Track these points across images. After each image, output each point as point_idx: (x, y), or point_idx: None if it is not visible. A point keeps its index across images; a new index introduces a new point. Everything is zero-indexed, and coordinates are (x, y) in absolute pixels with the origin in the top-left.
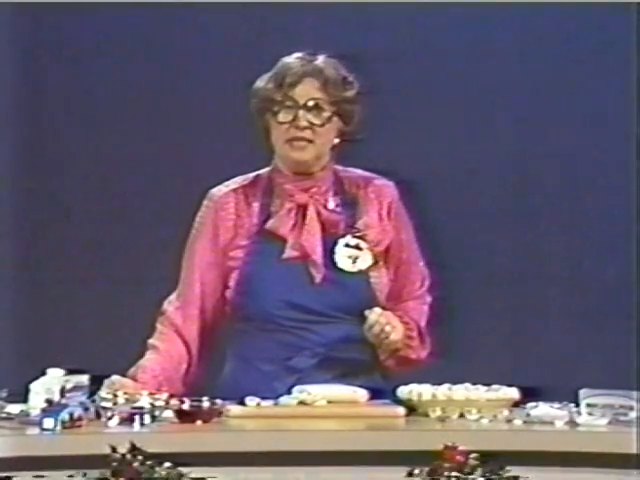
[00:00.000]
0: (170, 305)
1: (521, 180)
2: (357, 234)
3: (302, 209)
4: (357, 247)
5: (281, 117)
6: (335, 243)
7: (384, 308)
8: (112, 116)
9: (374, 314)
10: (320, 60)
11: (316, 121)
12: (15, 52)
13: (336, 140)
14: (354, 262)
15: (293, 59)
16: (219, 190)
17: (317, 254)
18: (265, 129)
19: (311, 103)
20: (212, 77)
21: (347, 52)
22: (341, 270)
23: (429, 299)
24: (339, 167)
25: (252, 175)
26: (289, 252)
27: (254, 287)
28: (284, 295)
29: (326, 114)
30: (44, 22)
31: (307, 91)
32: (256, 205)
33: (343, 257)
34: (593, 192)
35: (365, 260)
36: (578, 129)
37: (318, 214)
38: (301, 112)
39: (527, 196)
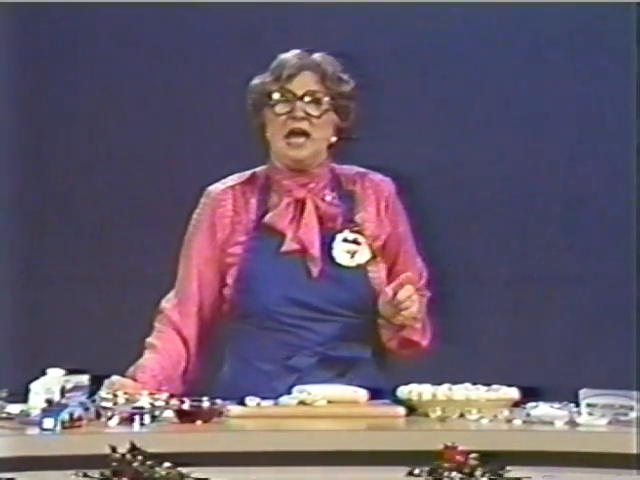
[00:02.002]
0: (168, 303)
1: (520, 177)
2: (355, 229)
3: (300, 203)
4: (355, 242)
5: (278, 109)
6: (333, 238)
7: None
8: (110, 115)
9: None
10: (317, 56)
11: (313, 112)
12: (15, 52)
13: (333, 138)
14: (352, 257)
15: (290, 55)
16: (216, 187)
17: (315, 248)
18: (261, 126)
19: (308, 96)
20: (210, 75)
21: (345, 49)
22: (339, 265)
23: (428, 294)
24: (336, 165)
25: (249, 172)
26: (288, 245)
27: (252, 283)
28: (283, 291)
29: (323, 107)
30: (44, 22)
31: (305, 83)
32: (253, 201)
33: (341, 252)
34: (593, 191)
35: (363, 255)
36: (578, 129)
37: (316, 208)
38: (298, 103)
39: (526, 194)
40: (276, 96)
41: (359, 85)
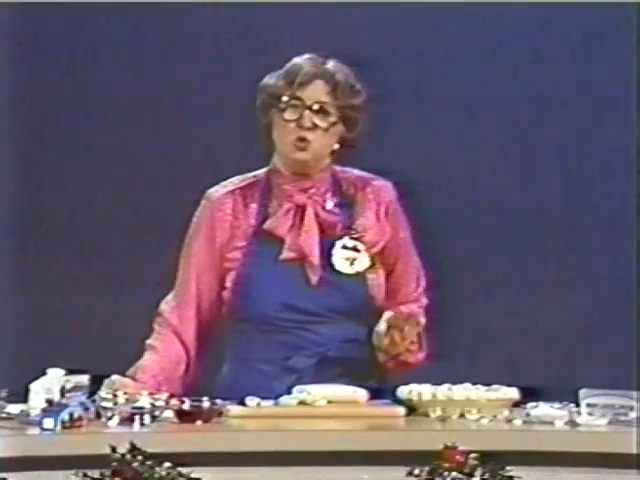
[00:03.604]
0: (167, 305)
1: (520, 180)
2: (354, 236)
3: (300, 210)
4: (354, 249)
5: (287, 115)
6: (332, 245)
7: (381, 309)
8: (110, 117)
9: (393, 317)
10: (331, 64)
11: (321, 124)
12: (15, 52)
13: (336, 146)
14: (352, 264)
15: (305, 60)
16: (216, 191)
17: (314, 255)
18: (267, 126)
19: (317, 106)
20: (211, 78)
21: (348, 53)
22: (338, 272)
23: (425, 301)
24: (337, 168)
25: (250, 176)
26: (287, 253)
27: (251, 289)
28: (281, 297)
29: (332, 119)
30: (44, 22)
31: (316, 93)
32: (254, 206)
33: (341, 259)
34: (593, 192)
35: (362, 262)
36: (578, 129)
37: (316, 215)
38: (307, 112)
39: (526, 196)
40: (285, 101)
41: (370, 96)
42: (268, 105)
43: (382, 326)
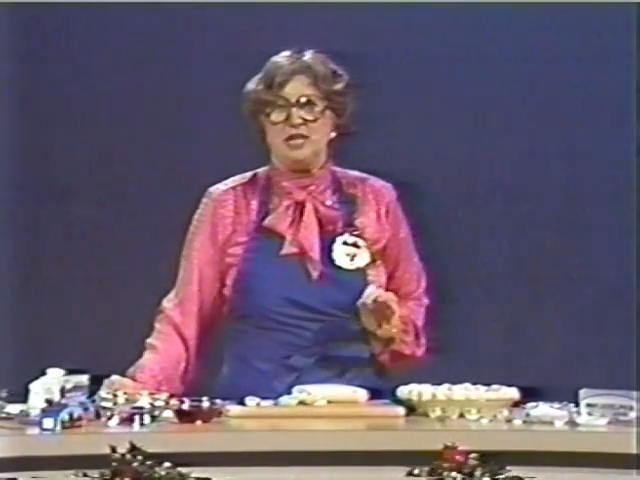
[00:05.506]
0: (169, 303)
1: (520, 180)
2: (355, 232)
3: (300, 206)
4: (355, 245)
5: (274, 117)
6: (333, 241)
7: None
8: (111, 117)
9: (380, 291)
10: (308, 56)
11: (309, 117)
12: (15, 52)
13: (332, 134)
14: (352, 260)
15: (281, 58)
16: (218, 188)
17: (314, 251)
18: (260, 131)
19: (303, 100)
20: (211, 76)
21: (349, 53)
22: (339, 268)
23: (426, 301)
24: (337, 169)
25: (250, 174)
26: (287, 248)
27: (252, 284)
28: (282, 292)
29: (318, 109)
30: (44, 22)
31: (298, 88)
32: (254, 203)
33: (341, 255)
34: (593, 192)
35: (363, 258)
36: (577, 129)
37: (316, 211)
38: (294, 110)
39: (526, 196)
40: (270, 103)
41: (352, 80)
42: (255, 112)
43: (362, 302)
